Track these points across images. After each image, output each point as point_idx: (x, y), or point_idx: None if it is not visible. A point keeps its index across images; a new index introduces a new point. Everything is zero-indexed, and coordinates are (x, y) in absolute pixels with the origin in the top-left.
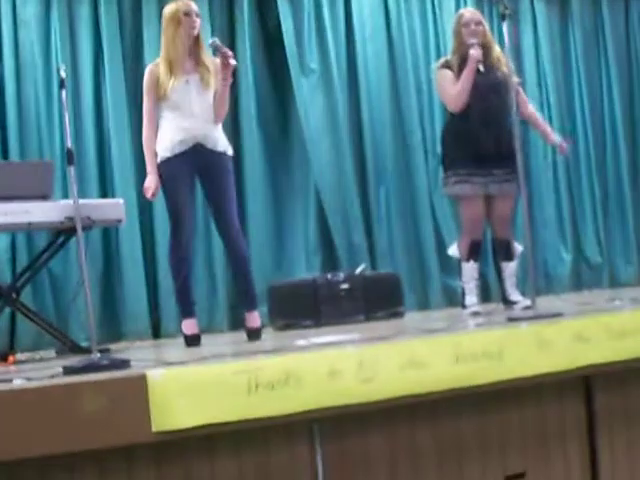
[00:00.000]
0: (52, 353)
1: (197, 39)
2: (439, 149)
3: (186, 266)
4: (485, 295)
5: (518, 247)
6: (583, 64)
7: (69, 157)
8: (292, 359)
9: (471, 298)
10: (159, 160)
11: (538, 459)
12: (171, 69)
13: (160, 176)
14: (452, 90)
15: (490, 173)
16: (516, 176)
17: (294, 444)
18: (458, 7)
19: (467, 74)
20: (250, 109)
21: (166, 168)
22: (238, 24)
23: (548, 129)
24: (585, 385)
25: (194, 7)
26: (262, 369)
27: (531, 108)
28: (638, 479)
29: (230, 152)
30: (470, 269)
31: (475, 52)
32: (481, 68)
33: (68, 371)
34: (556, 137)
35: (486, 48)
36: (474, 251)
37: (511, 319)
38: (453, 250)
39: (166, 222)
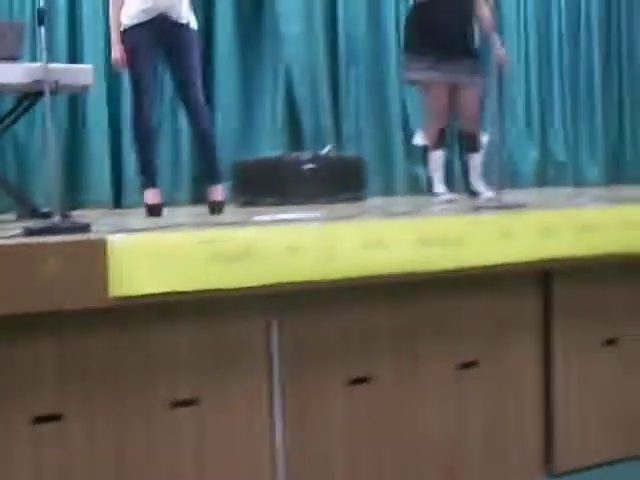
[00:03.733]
0: (12, 217)
1: None
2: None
3: (149, 137)
4: (449, 186)
5: (484, 138)
6: None
7: (40, 17)
8: (254, 232)
9: (440, 186)
10: (122, 29)
11: (491, 350)
12: None
13: (123, 45)
14: None
15: (460, 62)
16: (484, 68)
17: (251, 319)
18: None
19: None
20: None
21: (129, 37)
22: None
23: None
24: (544, 279)
25: None
26: (224, 241)
27: (487, 10)
28: (590, 375)
29: (194, 25)
30: (438, 157)
31: None
32: None
33: (28, 232)
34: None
35: None
36: (441, 138)
37: (477, 208)
38: (417, 139)
39: None
